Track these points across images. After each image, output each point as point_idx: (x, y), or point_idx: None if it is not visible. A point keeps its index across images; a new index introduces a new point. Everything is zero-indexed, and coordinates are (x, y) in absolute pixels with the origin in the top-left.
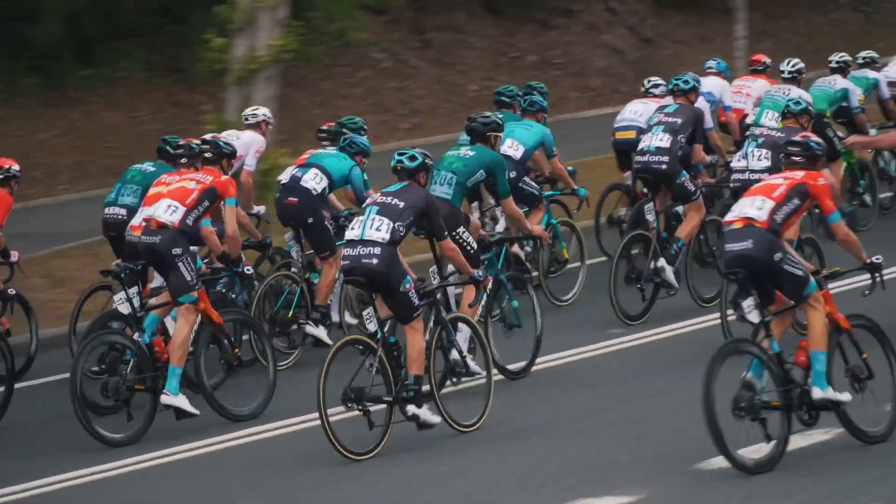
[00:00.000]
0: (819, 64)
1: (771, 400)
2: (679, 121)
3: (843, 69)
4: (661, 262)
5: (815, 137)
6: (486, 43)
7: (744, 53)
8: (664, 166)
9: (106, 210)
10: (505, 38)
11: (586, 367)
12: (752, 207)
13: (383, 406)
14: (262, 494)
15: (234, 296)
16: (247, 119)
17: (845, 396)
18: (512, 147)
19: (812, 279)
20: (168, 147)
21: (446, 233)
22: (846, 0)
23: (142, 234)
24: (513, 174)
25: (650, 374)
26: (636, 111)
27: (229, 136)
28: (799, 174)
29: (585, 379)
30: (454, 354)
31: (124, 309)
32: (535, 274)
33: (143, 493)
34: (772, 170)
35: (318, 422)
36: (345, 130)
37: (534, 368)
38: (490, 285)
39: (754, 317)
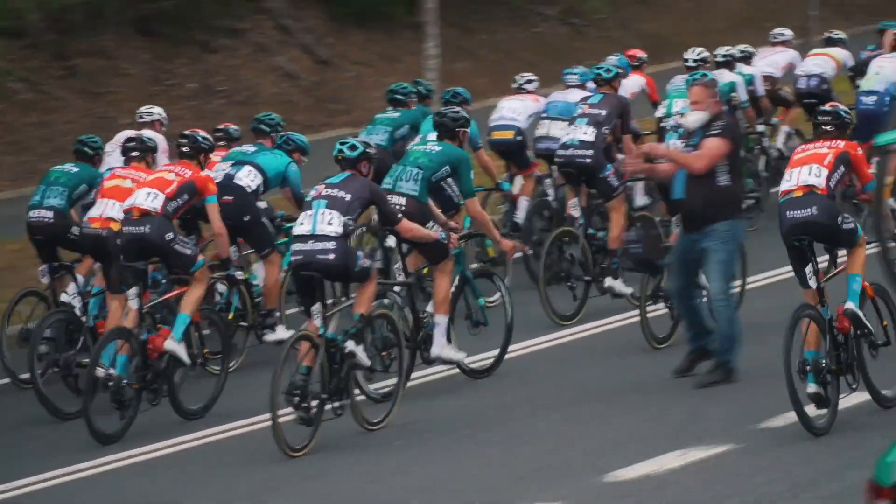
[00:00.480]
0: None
1: (832, 364)
2: (604, 112)
3: (729, 63)
4: (609, 281)
5: (843, 106)
6: (140, 69)
7: (437, 74)
8: (588, 160)
9: (31, 213)
10: (161, 63)
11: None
12: (811, 175)
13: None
14: (219, 494)
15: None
16: (141, 118)
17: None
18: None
19: (860, 226)
20: (86, 148)
21: (399, 215)
22: (553, 12)
23: (125, 225)
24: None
25: (576, 371)
26: (514, 109)
27: (121, 136)
28: (840, 143)
29: (511, 377)
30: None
31: (77, 302)
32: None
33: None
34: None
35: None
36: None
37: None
38: (457, 243)
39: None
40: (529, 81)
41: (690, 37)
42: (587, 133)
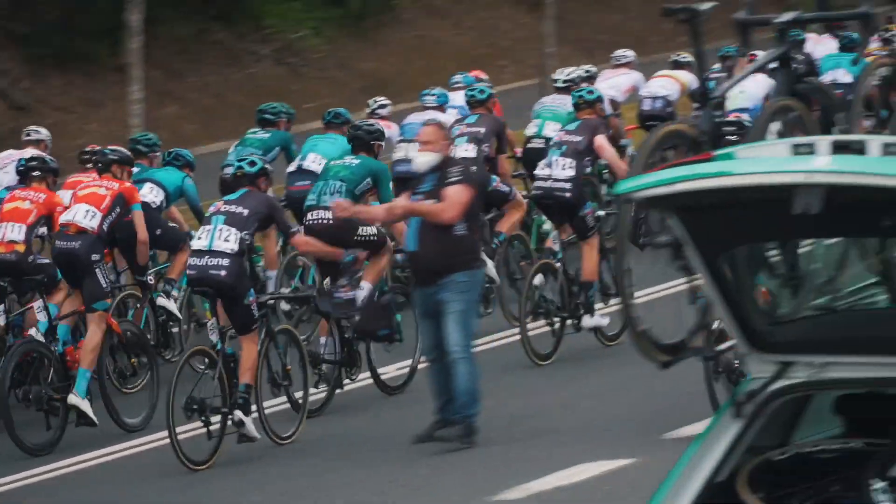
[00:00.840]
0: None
1: None
2: (482, 130)
3: (568, 89)
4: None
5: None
6: None
7: (142, 120)
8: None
9: None
10: None
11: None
12: None
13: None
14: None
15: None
16: (28, 135)
17: None
18: (315, 161)
19: None
20: None
21: (293, 230)
22: (268, 52)
23: (57, 238)
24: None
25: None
26: None
27: (7, 154)
28: None
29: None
30: (277, 366)
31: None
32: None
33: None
34: (576, 178)
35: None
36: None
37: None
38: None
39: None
40: (383, 106)
41: (417, 77)
42: (468, 150)
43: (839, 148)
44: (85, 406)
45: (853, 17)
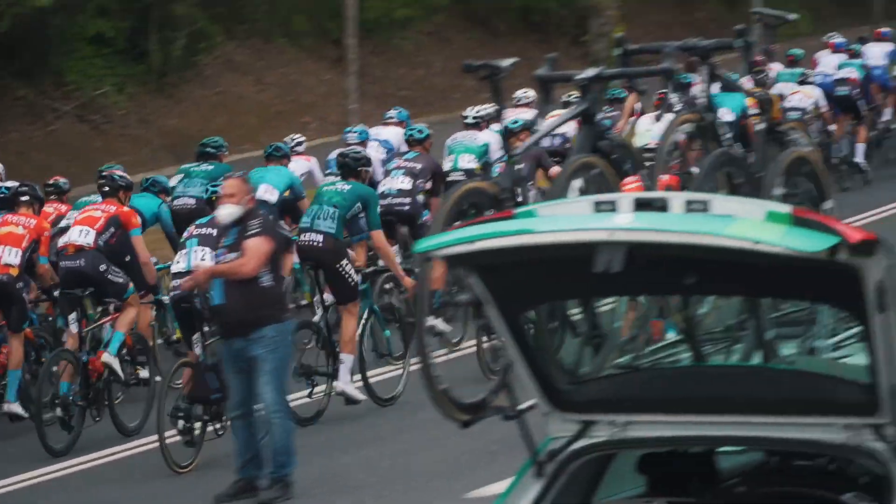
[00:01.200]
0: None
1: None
2: (419, 166)
3: (478, 125)
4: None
5: None
6: None
7: None
8: (406, 207)
9: None
10: None
11: None
12: None
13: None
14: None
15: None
16: None
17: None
18: (268, 191)
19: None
20: None
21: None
22: (69, 109)
23: (60, 260)
24: (271, 217)
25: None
26: (295, 169)
27: None
28: None
29: None
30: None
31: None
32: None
33: None
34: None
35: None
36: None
37: None
38: None
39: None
40: (299, 143)
41: (219, 133)
42: (404, 182)
43: (641, 205)
44: (116, 364)
45: (656, 73)
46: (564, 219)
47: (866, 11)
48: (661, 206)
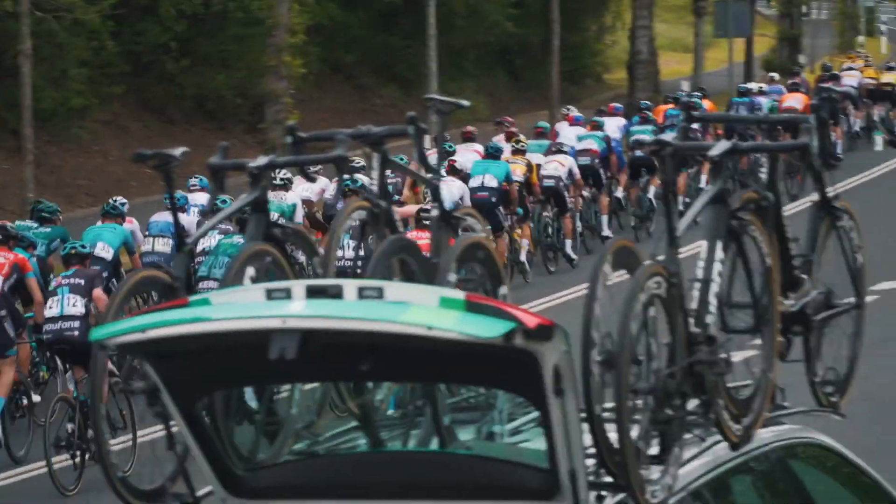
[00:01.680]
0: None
1: None
2: None
3: (285, 185)
4: None
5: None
6: None
7: None
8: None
9: None
10: None
11: None
12: None
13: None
14: None
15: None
16: None
17: None
18: (104, 249)
19: None
20: None
21: (99, 289)
22: None
23: None
24: (105, 274)
25: None
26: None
27: None
28: None
29: None
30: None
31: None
32: None
33: None
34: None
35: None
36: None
37: None
38: None
39: None
40: (122, 204)
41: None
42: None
43: (315, 293)
44: None
45: (329, 161)
46: (239, 306)
47: (542, 95)
48: (335, 293)
